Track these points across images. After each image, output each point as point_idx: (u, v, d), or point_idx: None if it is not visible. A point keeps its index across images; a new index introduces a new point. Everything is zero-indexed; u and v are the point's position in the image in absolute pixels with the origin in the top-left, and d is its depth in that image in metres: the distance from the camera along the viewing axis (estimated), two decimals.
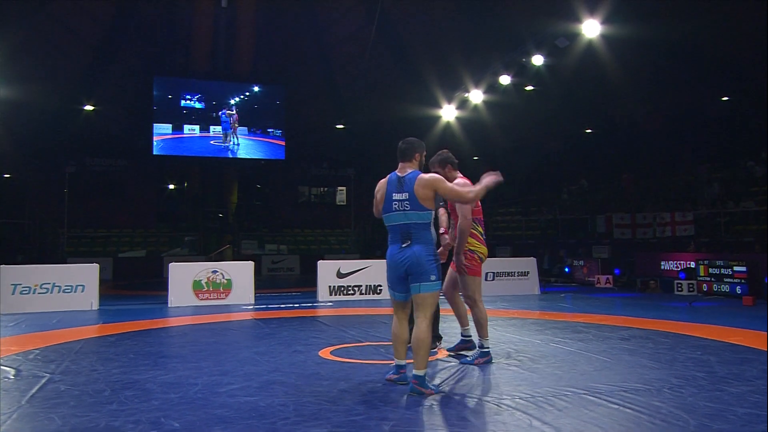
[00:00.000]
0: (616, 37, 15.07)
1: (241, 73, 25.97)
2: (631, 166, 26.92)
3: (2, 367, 5.60)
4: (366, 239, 30.13)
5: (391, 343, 4.74)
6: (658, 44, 18.37)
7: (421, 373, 4.32)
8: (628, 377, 4.88)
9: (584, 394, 4.32)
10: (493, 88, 18.85)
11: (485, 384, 4.71)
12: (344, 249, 29.45)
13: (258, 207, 30.51)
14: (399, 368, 4.64)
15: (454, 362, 5.53)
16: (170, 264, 12.18)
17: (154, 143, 25.13)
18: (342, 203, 31.07)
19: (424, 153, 4.97)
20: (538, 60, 16.26)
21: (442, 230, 5.95)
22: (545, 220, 27.52)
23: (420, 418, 3.82)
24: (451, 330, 6.94)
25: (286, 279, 23.45)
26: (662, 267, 19.16)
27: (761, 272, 13.09)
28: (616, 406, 4.00)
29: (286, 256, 27.07)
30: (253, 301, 11.97)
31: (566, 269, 18.93)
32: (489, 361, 5.44)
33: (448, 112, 21.79)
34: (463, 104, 21.06)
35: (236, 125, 26.10)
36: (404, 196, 4.60)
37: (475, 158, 27.97)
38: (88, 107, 23.79)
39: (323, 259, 26.56)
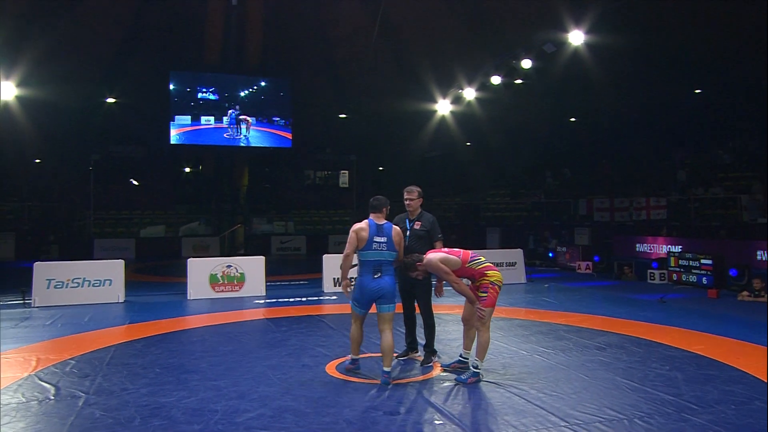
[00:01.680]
0: (599, 44, 14.98)
1: (250, 67, 25.79)
2: (611, 153, 26.91)
3: (43, 384, 5.72)
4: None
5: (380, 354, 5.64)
6: (637, 45, 18.26)
7: (388, 369, 5.50)
8: (604, 401, 4.99)
9: (565, 426, 4.43)
10: (484, 86, 18.75)
11: (475, 412, 4.81)
12: (347, 223, 29.59)
13: (267, 190, 30.50)
14: (354, 361, 5.91)
15: (450, 381, 5.64)
16: (188, 260, 12.28)
17: (176, 135, 25.05)
18: (345, 185, 31.05)
19: (389, 207, 6.03)
20: (526, 63, 16.15)
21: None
22: (532, 203, 27.59)
23: None
24: (447, 350, 7.04)
25: (293, 259, 23.61)
26: (637, 249, 19.35)
27: (726, 265, 13.22)
28: None
29: (293, 237, 27.21)
30: (264, 293, 12.11)
31: (550, 254, 19.04)
32: (479, 380, 5.58)
33: (443, 107, 21.70)
34: (457, 100, 20.96)
35: (250, 124, 25.88)
36: (383, 239, 5.67)
37: (468, 144, 27.95)
38: (111, 100, 23.68)
39: (328, 241, 27.03)
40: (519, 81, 18.33)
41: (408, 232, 6.37)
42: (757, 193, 19.28)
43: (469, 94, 19.43)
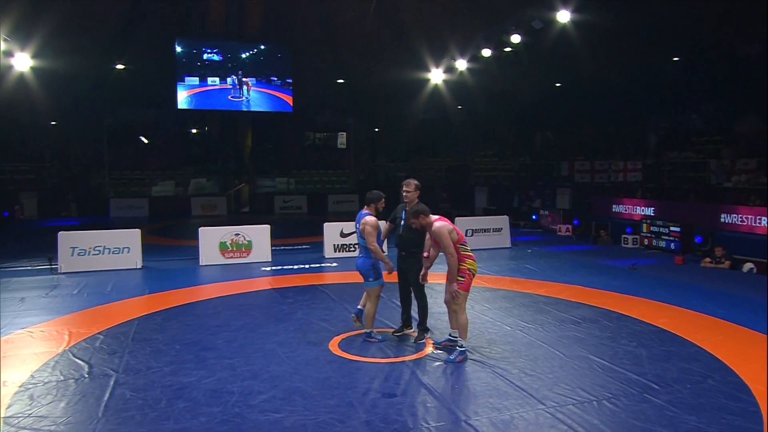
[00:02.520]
0: (585, 22, 14.83)
1: (252, 35, 25.37)
2: (593, 118, 26.82)
3: (77, 361, 5.96)
4: (361, 179, 30.34)
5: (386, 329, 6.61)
6: (620, 18, 18.05)
7: (369, 330, 6.44)
8: (578, 382, 5.25)
9: (541, 409, 4.70)
10: (475, 57, 18.58)
11: (463, 394, 5.06)
12: (347, 186, 29.72)
13: (269, 150, 30.40)
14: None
15: (440, 361, 5.89)
16: (200, 228, 12.39)
17: (186, 98, 24.99)
18: (342, 146, 30.99)
19: (381, 202, 6.53)
20: (515, 38, 15.98)
21: (425, 254, 6.22)
22: (518, 164, 27.65)
23: None
24: (438, 324, 7.28)
25: (296, 218, 23.77)
26: (614, 210, 19.57)
27: (692, 232, 13.47)
28: (566, 427, 4.38)
29: (295, 197, 27.31)
30: (270, 259, 12.33)
31: (534, 217, 19.24)
32: (465, 358, 5.85)
33: (436, 75, 21.50)
34: (449, 69, 20.76)
35: (250, 86, 25.83)
36: (358, 227, 6.39)
37: (459, 107, 27.76)
38: (120, 67, 23.33)
39: (327, 200, 27.14)
40: (508, 49, 18.13)
41: (402, 222, 6.51)
42: (724, 158, 19.42)
43: (461, 65, 19.26)
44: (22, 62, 16.36)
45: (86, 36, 20.07)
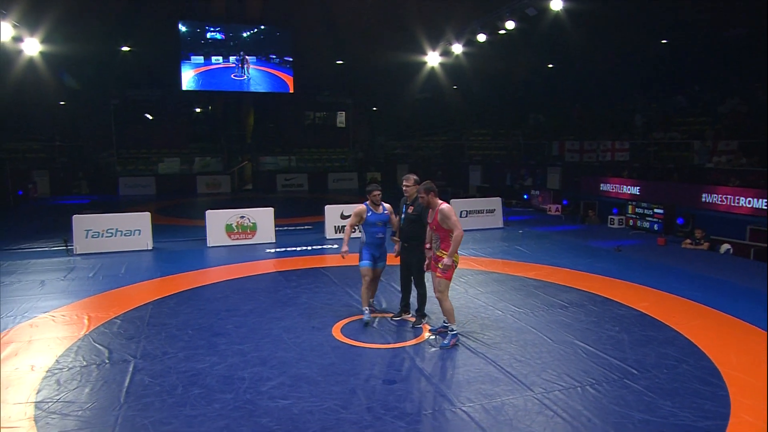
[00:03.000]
0: (577, 9, 14.74)
1: (253, 17, 25.10)
2: (583, 98, 26.75)
3: (98, 346, 6.13)
4: (360, 157, 30.32)
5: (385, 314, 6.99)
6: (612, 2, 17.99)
7: (362, 307, 6.77)
8: (564, 367, 5.44)
9: (530, 395, 4.89)
10: (471, 42, 18.47)
11: (457, 381, 5.24)
12: (346, 164, 29.72)
13: (271, 129, 30.29)
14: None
15: (436, 347, 6.06)
16: (207, 211, 12.47)
17: (192, 77, 24.97)
18: (341, 125, 30.88)
19: (372, 194, 6.78)
20: (510, 24, 15.89)
21: (427, 245, 6.34)
22: (511, 143, 27.67)
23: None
24: (435, 308, 7.43)
25: (297, 197, 23.85)
26: (601, 188, 19.72)
27: (675, 214, 13.63)
28: (552, 413, 4.58)
29: (296, 175, 27.33)
30: (274, 240, 12.48)
31: (525, 196, 19.36)
32: (458, 341, 6.05)
33: (433, 58, 21.35)
34: (445, 53, 20.62)
35: (249, 64, 25.86)
36: None
37: (454, 87, 27.63)
38: (125, 49, 23.12)
39: (327, 178, 27.16)
40: (502, 31, 17.99)
41: (403, 215, 6.63)
42: (707, 139, 19.47)
43: (457, 49, 19.14)
44: (31, 47, 16.20)
45: (92, 20, 19.86)
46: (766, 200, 13.76)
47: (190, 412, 4.62)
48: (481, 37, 17.42)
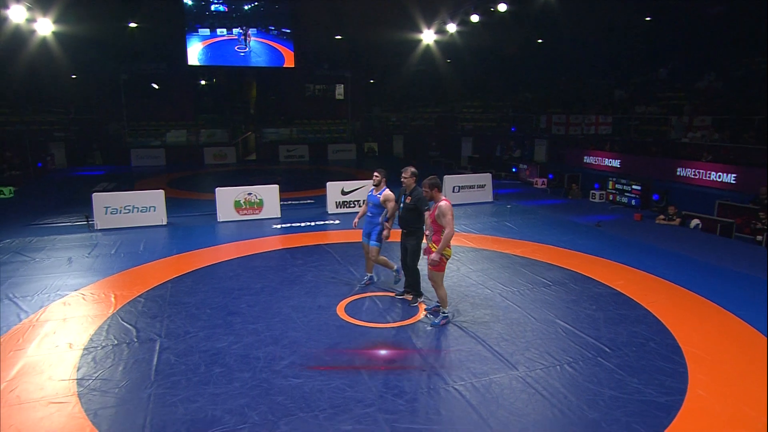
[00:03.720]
0: None
1: None
2: (570, 72, 26.57)
3: (125, 325, 6.40)
4: (358, 128, 30.19)
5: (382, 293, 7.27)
6: None
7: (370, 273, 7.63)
8: (545, 346, 5.73)
9: (514, 374, 5.18)
10: (464, 22, 18.28)
11: (450, 361, 5.52)
12: (345, 135, 29.60)
13: (273, 101, 30.03)
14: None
15: (428, 326, 6.36)
16: (216, 188, 12.61)
17: (200, 50, 24.75)
18: (340, 97, 30.60)
19: (377, 176, 7.13)
20: (502, 7, 15.74)
21: (426, 232, 6.55)
22: (501, 115, 27.57)
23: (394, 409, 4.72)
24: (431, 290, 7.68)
25: (299, 168, 23.88)
26: (585, 161, 19.90)
27: (650, 190, 13.87)
28: (533, 391, 4.88)
29: (297, 146, 27.28)
30: (279, 215, 12.67)
31: (514, 169, 19.52)
32: (448, 322, 6.35)
33: (428, 36, 21.13)
34: (440, 31, 20.41)
35: (250, 36, 25.57)
36: None
37: (448, 60, 27.34)
38: (133, 25, 22.72)
39: (327, 149, 27.10)
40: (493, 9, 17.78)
41: (401, 205, 6.83)
42: (685, 114, 19.52)
43: (451, 28, 18.96)
44: (44, 27, 15.98)
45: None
46: (734, 175, 14.01)
47: (213, 390, 4.91)
48: (475, 18, 17.23)
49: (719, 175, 14.31)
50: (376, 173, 7.15)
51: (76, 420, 4.49)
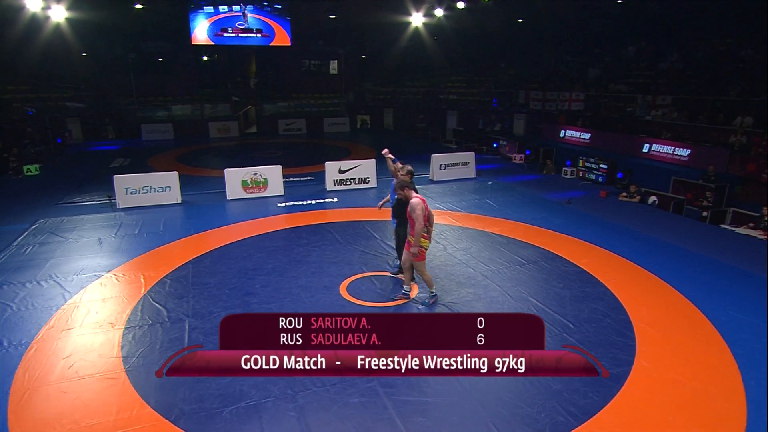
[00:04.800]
0: None
1: None
2: (548, 52, 26.45)
3: (156, 305, 6.78)
4: (351, 101, 30.04)
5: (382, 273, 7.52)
6: None
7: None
8: None
9: None
10: (450, 7, 18.11)
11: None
12: (339, 108, 29.47)
13: (271, 76, 29.68)
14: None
15: (420, 305, 6.80)
16: (225, 170, 12.78)
17: (209, 26, 24.19)
18: (334, 72, 30.30)
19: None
20: None
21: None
22: (483, 90, 27.52)
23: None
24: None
25: (298, 143, 23.90)
26: (560, 135, 20.16)
27: (616, 169, 14.25)
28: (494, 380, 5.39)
29: (295, 120, 27.19)
30: (282, 193, 12.94)
31: (495, 144, 19.74)
32: (436, 301, 6.78)
33: (417, 19, 20.90)
34: (428, 14, 20.19)
35: (248, 13, 25.11)
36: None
37: (435, 38, 27.03)
38: (138, 6, 22.13)
39: (323, 123, 27.04)
40: None
41: (395, 197, 7.15)
42: (649, 93, 19.70)
43: (439, 12, 18.79)
44: (58, 13, 15.69)
45: None
46: (689, 150, 14.41)
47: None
48: (461, 5, 17.09)
49: (675, 151, 14.70)
50: (401, 170, 7.04)
51: (127, 394, 4.93)
